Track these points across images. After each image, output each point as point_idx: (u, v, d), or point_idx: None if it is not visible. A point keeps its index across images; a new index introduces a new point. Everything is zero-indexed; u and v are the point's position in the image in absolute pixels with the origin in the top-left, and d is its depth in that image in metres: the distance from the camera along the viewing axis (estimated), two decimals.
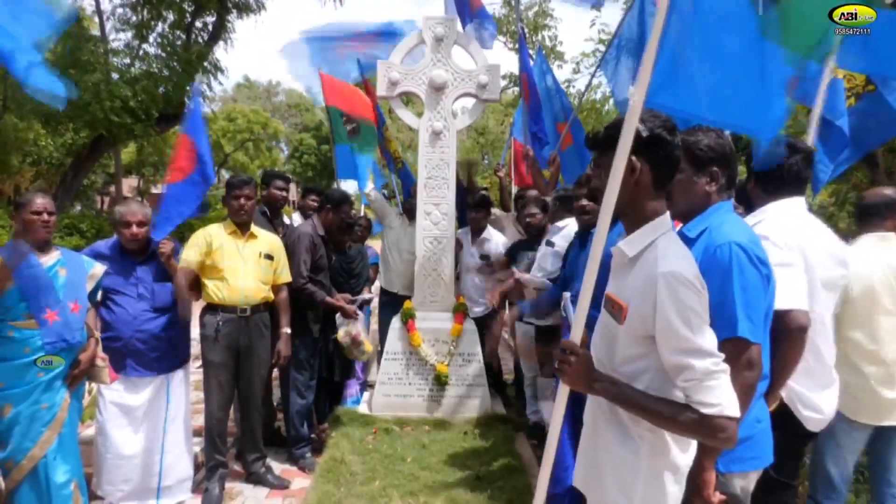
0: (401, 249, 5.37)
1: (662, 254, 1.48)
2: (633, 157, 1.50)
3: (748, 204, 2.49)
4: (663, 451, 1.52)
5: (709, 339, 1.42)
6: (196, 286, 3.60)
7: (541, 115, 5.65)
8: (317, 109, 39.33)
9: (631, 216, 1.58)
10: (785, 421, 2.19)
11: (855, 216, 2.98)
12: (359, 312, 4.40)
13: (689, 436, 1.46)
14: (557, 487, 2.58)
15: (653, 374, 1.50)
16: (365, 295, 4.97)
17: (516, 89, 18.17)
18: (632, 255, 1.53)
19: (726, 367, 1.41)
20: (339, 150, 5.37)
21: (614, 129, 1.54)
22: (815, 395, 2.25)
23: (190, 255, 3.49)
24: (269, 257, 3.69)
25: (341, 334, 4.24)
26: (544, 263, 3.88)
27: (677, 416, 1.40)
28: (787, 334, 1.98)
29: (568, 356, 1.50)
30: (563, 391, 1.59)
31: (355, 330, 4.25)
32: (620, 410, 1.53)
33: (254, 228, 3.70)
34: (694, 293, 1.42)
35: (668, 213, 1.58)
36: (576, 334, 1.55)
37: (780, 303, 1.96)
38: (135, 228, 3.31)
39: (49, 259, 2.89)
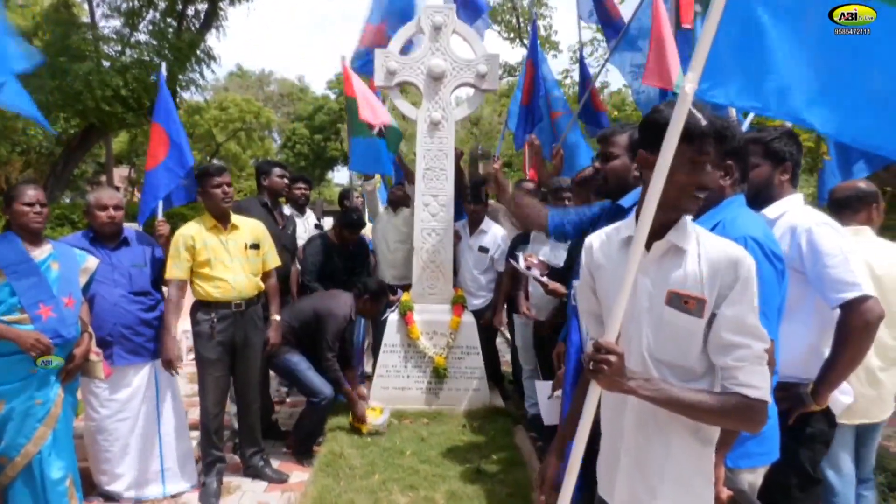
0: (388, 240, 5.40)
1: (717, 238, 1.49)
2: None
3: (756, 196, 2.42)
4: (713, 445, 1.53)
5: (761, 323, 1.42)
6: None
7: (538, 105, 5.71)
8: (309, 99, 39.10)
9: (679, 210, 1.50)
10: (817, 413, 2.17)
11: (827, 210, 2.89)
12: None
13: (729, 423, 1.45)
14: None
15: None
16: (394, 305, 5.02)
17: (511, 79, 18.12)
18: (688, 247, 1.47)
19: (766, 356, 1.41)
20: (354, 142, 5.34)
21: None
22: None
23: (175, 270, 3.40)
24: (255, 246, 3.60)
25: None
26: (556, 260, 3.83)
27: (723, 403, 1.39)
28: (867, 324, 1.96)
29: (606, 357, 1.40)
30: (593, 394, 1.51)
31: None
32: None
33: (234, 218, 3.58)
34: (755, 280, 1.44)
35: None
36: (611, 332, 1.46)
37: (866, 288, 1.96)
38: (112, 211, 3.29)
39: (41, 253, 2.83)
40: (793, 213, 2.19)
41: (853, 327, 1.99)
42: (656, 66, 3.87)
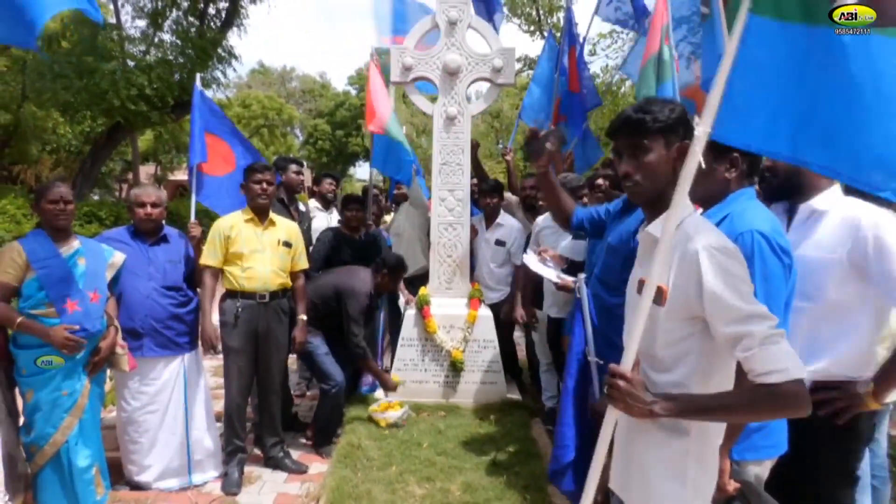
0: (392, 234, 5.65)
1: (694, 231, 1.46)
2: (685, 142, 1.51)
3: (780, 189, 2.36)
4: (709, 433, 1.51)
5: (760, 304, 1.38)
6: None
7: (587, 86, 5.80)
8: (330, 95, 39.28)
9: (662, 200, 1.55)
10: (864, 412, 2.12)
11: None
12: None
13: (766, 416, 1.42)
14: (556, 464, 2.60)
15: (697, 357, 1.47)
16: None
17: (530, 72, 18.00)
18: (662, 237, 1.48)
19: (783, 330, 1.35)
20: (378, 139, 5.39)
21: (640, 113, 1.53)
22: None
23: (209, 258, 3.55)
24: (288, 244, 3.71)
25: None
26: (576, 255, 3.84)
27: (749, 400, 1.35)
28: None
29: (616, 381, 1.45)
30: (611, 416, 1.53)
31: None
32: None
33: (272, 216, 3.71)
34: (737, 261, 1.41)
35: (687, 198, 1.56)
36: (628, 359, 1.49)
37: None
38: (149, 208, 3.41)
39: (69, 248, 2.93)
40: (854, 207, 2.12)
41: None
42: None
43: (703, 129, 1.40)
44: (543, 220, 4.32)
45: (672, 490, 1.51)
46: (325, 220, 5.40)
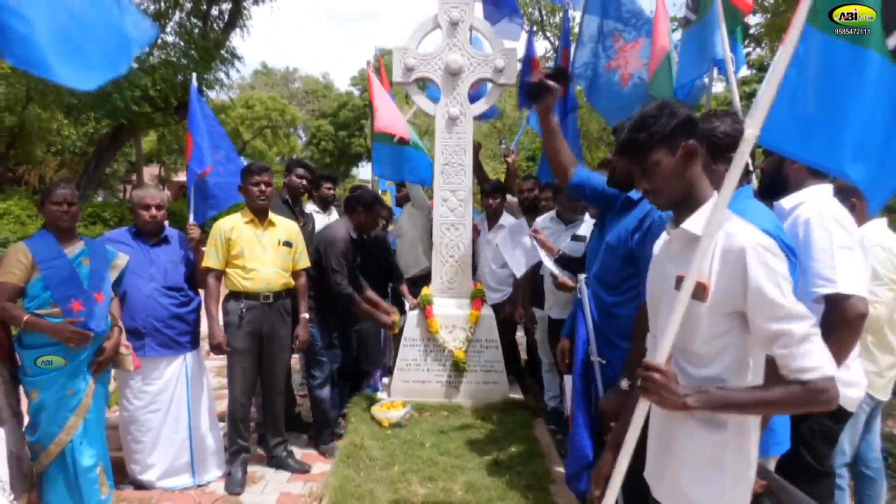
0: (395, 235, 5.69)
1: (734, 227, 1.48)
2: (690, 142, 1.54)
3: (772, 185, 2.40)
4: (747, 425, 1.53)
5: (799, 303, 1.42)
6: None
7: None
8: (333, 96, 39.33)
9: (687, 198, 1.59)
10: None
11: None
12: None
13: (797, 409, 1.46)
14: (576, 466, 2.60)
15: (735, 351, 1.50)
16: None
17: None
18: (702, 234, 1.50)
19: (818, 329, 1.40)
20: (376, 146, 5.41)
21: (636, 132, 1.58)
22: (850, 371, 2.24)
23: (211, 259, 3.55)
24: (288, 244, 3.72)
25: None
26: (575, 253, 3.85)
27: (783, 395, 1.40)
28: (846, 321, 1.95)
29: (651, 374, 1.47)
30: (641, 408, 1.55)
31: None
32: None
33: (272, 216, 3.72)
34: (780, 260, 1.44)
35: (716, 192, 1.57)
36: (662, 353, 1.50)
37: (841, 287, 1.94)
38: (154, 211, 3.44)
39: (73, 249, 2.95)
40: (814, 204, 2.16)
41: (833, 323, 1.98)
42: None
43: (752, 131, 1.42)
44: (542, 220, 4.33)
45: (710, 478, 1.53)
46: (323, 222, 5.39)
